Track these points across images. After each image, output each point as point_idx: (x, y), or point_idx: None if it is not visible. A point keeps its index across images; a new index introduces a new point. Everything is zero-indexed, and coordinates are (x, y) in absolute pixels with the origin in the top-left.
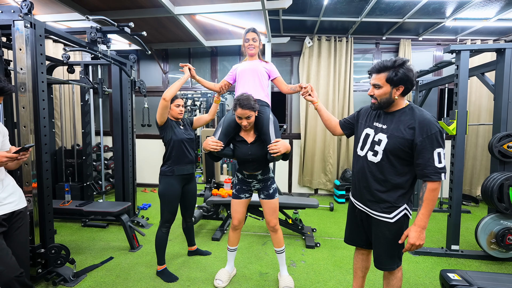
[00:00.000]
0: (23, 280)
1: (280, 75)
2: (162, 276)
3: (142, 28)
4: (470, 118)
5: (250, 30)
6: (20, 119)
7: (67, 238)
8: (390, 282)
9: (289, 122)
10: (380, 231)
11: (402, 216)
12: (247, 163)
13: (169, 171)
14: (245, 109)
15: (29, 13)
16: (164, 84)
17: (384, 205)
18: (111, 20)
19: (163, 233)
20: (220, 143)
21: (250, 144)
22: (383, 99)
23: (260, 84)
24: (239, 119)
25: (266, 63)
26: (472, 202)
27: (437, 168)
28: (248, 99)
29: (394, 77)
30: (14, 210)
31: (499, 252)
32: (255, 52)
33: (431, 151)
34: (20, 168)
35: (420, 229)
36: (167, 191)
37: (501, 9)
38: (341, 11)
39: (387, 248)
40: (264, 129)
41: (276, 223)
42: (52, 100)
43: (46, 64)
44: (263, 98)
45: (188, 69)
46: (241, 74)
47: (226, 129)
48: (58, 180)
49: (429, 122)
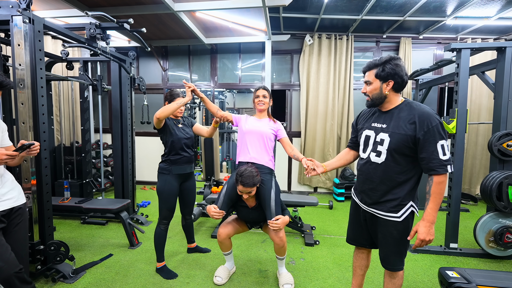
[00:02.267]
0: (22, 276)
1: (286, 136)
2: (161, 273)
3: (142, 25)
4: (470, 116)
5: (261, 88)
6: (19, 116)
7: (67, 235)
8: (391, 280)
9: (289, 121)
10: (387, 231)
11: (409, 214)
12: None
13: (167, 170)
14: (247, 187)
15: (28, 9)
16: (163, 82)
17: (391, 204)
18: (110, 16)
19: (162, 230)
20: (221, 213)
21: (251, 209)
22: (374, 94)
23: (265, 148)
24: (240, 192)
25: (274, 123)
26: (471, 200)
27: (442, 160)
28: (251, 177)
29: (382, 72)
30: (13, 206)
31: (497, 250)
32: (264, 108)
33: (434, 144)
34: (19, 165)
35: (429, 224)
36: (164, 188)
37: (502, 8)
38: (342, 9)
39: (396, 248)
40: (264, 201)
41: (281, 241)
42: (51, 97)
43: (45, 60)
44: (267, 163)
45: (191, 92)
46: (247, 135)
47: (228, 200)
48: (58, 177)
49: (429, 115)
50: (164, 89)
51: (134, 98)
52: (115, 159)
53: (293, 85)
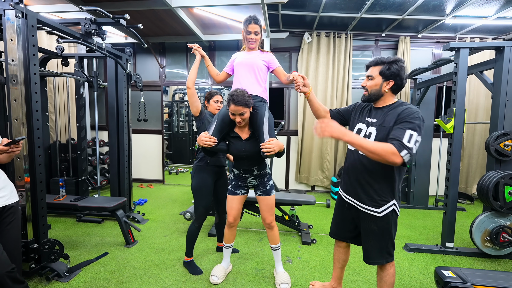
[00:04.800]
0: (14, 275)
1: (279, 65)
2: (188, 267)
3: (139, 21)
4: (468, 116)
5: (252, 21)
6: (12, 112)
7: (61, 233)
8: (382, 278)
9: (286, 119)
10: (368, 225)
11: (390, 211)
12: (242, 160)
13: (204, 162)
14: (239, 106)
15: (21, 3)
16: (161, 79)
17: (373, 198)
18: (106, 12)
19: (195, 227)
20: (213, 139)
21: (244, 141)
22: (373, 90)
23: (256, 79)
24: (232, 115)
25: (266, 54)
26: (467, 200)
27: (403, 143)
28: (242, 95)
29: (387, 70)
30: (5, 205)
31: (493, 249)
32: (255, 46)
33: (404, 130)
34: (12, 163)
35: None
36: (200, 185)
37: (501, 7)
38: (341, 7)
39: (375, 243)
40: (257, 126)
41: (272, 220)
42: (46, 93)
43: (39, 56)
44: (260, 93)
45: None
46: (237, 68)
47: (220, 125)
48: (53, 174)
49: (412, 112)
50: (161, 86)
51: (131, 95)
52: (111, 156)
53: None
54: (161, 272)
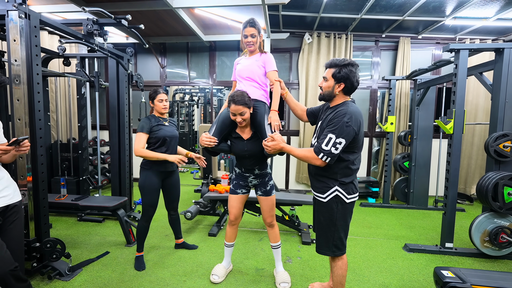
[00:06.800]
0: (17, 274)
1: (273, 69)
2: (135, 262)
3: (140, 21)
4: (467, 117)
5: (248, 25)
6: (15, 112)
7: (63, 232)
8: (332, 269)
9: (287, 119)
10: (317, 214)
11: (333, 196)
12: (244, 159)
13: (147, 165)
14: (239, 105)
15: (24, 3)
16: (162, 79)
17: (320, 185)
18: (108, 12)
19: (142, 223)
20: (214, 139)
21: (246, 141)
22: (327, 91)
23: (256, 86)
24: (233, 116)
25: (263, 56)
26: (467, 200)
27: (321, 147)
28: (242, 95)
29: (338, 74)
30: (9, 204)
31: (492, 250)
32: (254, 49)
33: (326, 133)
34: (15, 162)
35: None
36: (145, 183)
37: (501, 9)
38: (341, 8)
39: (322, 233)
40: (258, 123)
41: (273, 219)
42: (47, 93)
43: (41, 56)
44: (259, 97)
45: (180, 162)
46: (238, 75)
47: (221, 126)
48: (54, 174)
49: (338, 116)
50: (162, 86)
51: (132, 95)
52: (112, 156)
53: (292, 83)
54: (162, 271)
